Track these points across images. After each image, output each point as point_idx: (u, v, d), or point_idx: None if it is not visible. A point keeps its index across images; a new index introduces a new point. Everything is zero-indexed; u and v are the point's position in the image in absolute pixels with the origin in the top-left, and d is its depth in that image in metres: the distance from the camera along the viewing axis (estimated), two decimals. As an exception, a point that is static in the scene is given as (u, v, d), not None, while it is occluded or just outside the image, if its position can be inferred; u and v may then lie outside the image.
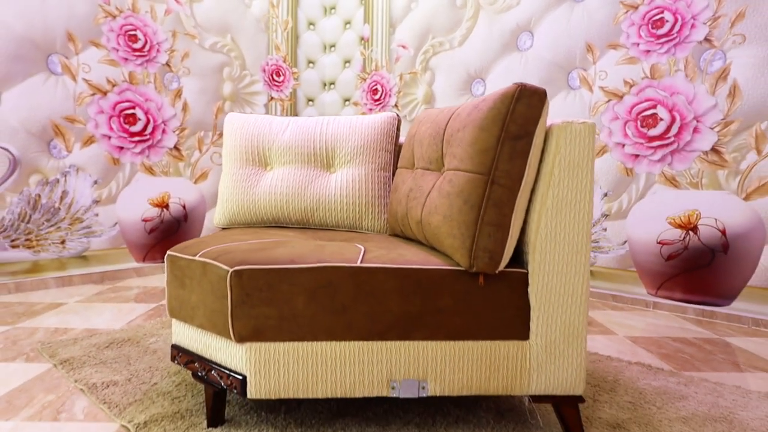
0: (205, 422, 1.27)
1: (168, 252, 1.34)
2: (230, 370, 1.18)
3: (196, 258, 1.23)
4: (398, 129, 1.73)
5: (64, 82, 2.79)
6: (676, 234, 2.48)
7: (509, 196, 1.11)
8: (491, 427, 1.28)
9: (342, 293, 1.13)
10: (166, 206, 3.31)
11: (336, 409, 1.36)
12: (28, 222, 2.67)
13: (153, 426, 1.25)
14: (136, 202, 3.16)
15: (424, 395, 1.17)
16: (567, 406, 1.21)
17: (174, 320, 1.36)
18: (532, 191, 1.18)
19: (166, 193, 3.31)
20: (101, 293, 2.69)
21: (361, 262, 1.15)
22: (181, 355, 1.33)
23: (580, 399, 1.20)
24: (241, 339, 1.13)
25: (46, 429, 1.26)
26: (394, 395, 1.16)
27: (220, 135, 3.61)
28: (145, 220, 3.20)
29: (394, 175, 1.70)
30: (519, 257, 1.25)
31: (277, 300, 1.12)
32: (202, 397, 1.42)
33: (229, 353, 1.18)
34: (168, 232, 3.33)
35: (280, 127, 1.76)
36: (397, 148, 1.76)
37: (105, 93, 2.96)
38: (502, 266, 1.13)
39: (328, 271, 1.13)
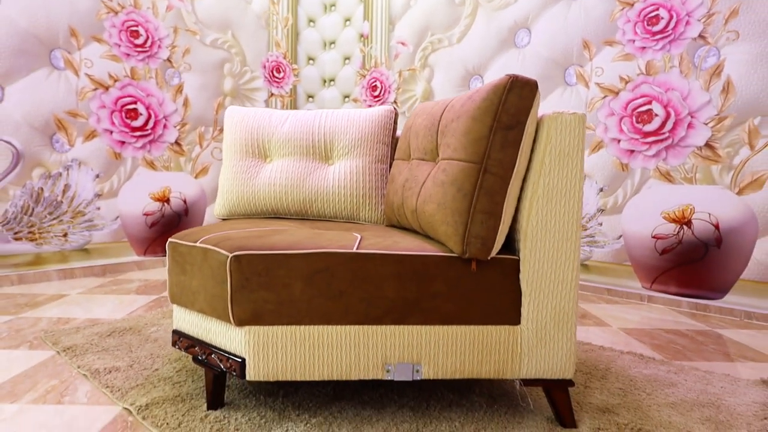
0: (205, 405, 1.31)
1: (169, 239, 1.37)
2: (230, 354, 1.21)
3: (197, 244, 1.26)
4: (395, 122, 1.76)
5: (66, 76, 2.82)
6: (671, 228, 2.51)
7: (501, 184, 1.14)
8: (484, 411, 1.31)
9: (339, 279, 1.16)
10: (167, 200, 3.35)
11: (333, 394, 1.40)
12: (30, 215, 2.71)
13: (154, 408, 1.28)
14: (137, 196, 3.19)
15: (418, 378, 1.20)
16: (557, 390, 1.24)
17: (175, 306, 1.39)
18: (524, 180, 1.21)
19: (167, 188, 3.34)
20: (103, 285, 2.73)
21: (358, 248, 1.18)
22: (181, 340, 1.36)
23: (569, 383, 1.24)
24: (240, 323, 1.17)
25: (50, 411, 1.29)
26: (389, 378, 1.20)
27: (221, 130, 3.65)
28: (146, 214, 3.24)
29: (391, 167, 1.74)
30: (511, 244, 1.29)
31: (275, 285, 1.16)
32: (202, 381, 1.46)
33: (228, 337, 1.22)
34: (169, 226, 3.36)
35: (280, 120, 1.79)
36: (394, 141, 1.79)
37: (107, 88, 2.99)
38: (494, 253, 1.16)
39: (325, 256, 1.16)
